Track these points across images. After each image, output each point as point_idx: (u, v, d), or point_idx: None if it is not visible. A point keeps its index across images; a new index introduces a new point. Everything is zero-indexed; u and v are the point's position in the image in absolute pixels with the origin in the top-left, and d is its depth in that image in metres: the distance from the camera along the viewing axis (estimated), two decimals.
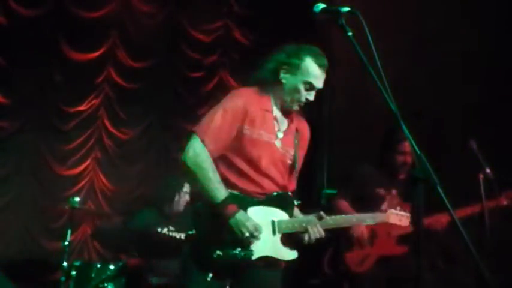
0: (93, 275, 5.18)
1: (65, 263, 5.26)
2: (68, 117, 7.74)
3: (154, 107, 8.24)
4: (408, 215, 3.63)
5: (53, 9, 7.46)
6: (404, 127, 2.29)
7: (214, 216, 2.88)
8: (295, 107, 3.12)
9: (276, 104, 3.14)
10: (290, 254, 3.03)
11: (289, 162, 3.14)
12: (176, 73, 8.33)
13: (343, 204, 4.65)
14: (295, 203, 3.12)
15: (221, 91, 7.48)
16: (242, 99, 3.06)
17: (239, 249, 2.87)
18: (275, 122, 3.11)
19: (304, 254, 6.10)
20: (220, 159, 3.01)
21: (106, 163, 8.00)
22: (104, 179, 7.90)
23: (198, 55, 8.36)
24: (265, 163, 3.03)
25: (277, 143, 3.09)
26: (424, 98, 6.18)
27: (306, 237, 3.00)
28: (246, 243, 2.87)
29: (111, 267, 5.24)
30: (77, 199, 5.97)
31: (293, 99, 3.08)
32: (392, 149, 4.70)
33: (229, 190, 2.94)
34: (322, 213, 3.04)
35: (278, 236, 2.99)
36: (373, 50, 2.36)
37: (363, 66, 2.35)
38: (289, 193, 3.14)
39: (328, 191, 5.99)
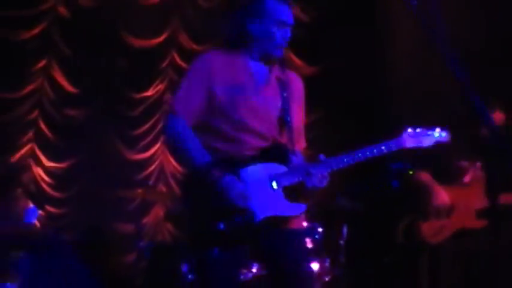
0: (166, 256, 5.32)
1: (139, 244, 5.42)
2: (135, 103, 7.94)
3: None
4: None
5: None
6: (476, 98, 2.21)
7: (204, 186, 2.69)
8: (278, 53, 2.93)
9: (251, 58, 2.95)
10: (296, 208, 2.81)
11: (276, 113, 2.91)
12: None
13: (426, 176, 4.54)
14: (290, 152, 2.87)
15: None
16: (206, 61, 2.92)
17: (239, 215, 2.67)
18: (250, 76, 2.91)
19: (375, 232, 6.09)
20: (200, 128, 2.87)
21: None
22: (174, 162, 8.04)
23: None
24: (245, 119, 2.84)
25: (256, 96, 2.88)
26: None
27: (310, 185, 2.76)
28: (242, 207, 2.67)
29: (184, 247, 5.33)
30: (149, 182, 6.14)
31: (272, 45, 2.90)
32: (476, 120, 4.53)
33: (215, 156, 2.77)
34: (321, 155, 2.81)
35: (279, 192, 2.78)
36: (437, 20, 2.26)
37: (429, 36, 2.25)
38: (281, 144, 2.91)
39: (397, 166, 5.85)
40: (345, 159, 2.82)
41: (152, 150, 7.97)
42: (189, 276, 5.06)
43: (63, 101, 7.82)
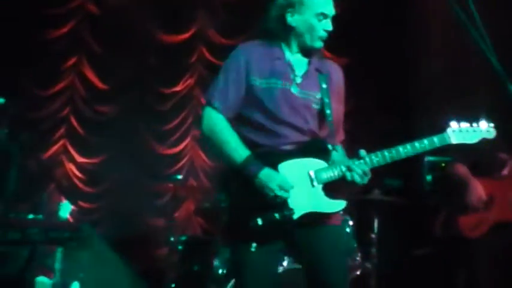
0: (198, 249, 5.35)
1: (171, 239, 5.45)
2: (165, 98, 8.01)
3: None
4: None
5: None
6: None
7: (243, 181, 2.64)
8: (319, 44, 2.85)
9: (289, 50, 2.88)
10: (336, 205, 2.70)
11: (315, 107, 2.82)
12: None
13: (462, 169, 4.43)
14: (330, 148, 2.76)
15: None
16: (243, 52, 2.85)
17: (277, 211, 2.59)
18: (288, 68, 2.84)
19: (408, 224, 6.01)
20: (238, 120, 2.82)
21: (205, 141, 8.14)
22: (204, 156, 8.07)
23: None
24: (284, 112, 2.75)
25: (294, 89, 2.80)
26: None
27: (350, 182, 2.66)
28: (281, 203, 2.61)
29: (216, 241, 5.35)
30: (179, 177, 6.17)
31: (312, 37, 2.82)
32: None
33: (253, 150, 2.71)
34: (362, 151, 2.70)
35: (319, 188, 2.68)
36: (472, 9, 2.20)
37: (464, 26, 2.20)
38: (321, 138, 2.82)
39: (432, 159, 5.74)
40: (388, 156, 2.72)
41: (182, 145, 8.01)
42: (220, 270, 5.08)
43: (94, 97, 7.93)
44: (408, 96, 7.38)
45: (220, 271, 5.06)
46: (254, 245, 2.60)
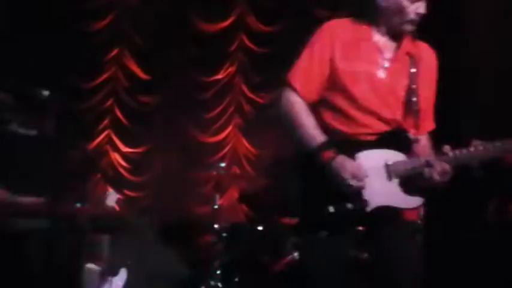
0: (242, 237, 5.36)
1: (215, 226, 5.48)
2: (206, 87, 8.03)
3: (289, 69, 8.23)
4: None
5: None
6: None
7: (316, 167, 2.51)
8: (408, 27, 2.63)
9: (378, 31, 2.67)
10: (412, 201, 2.53)
11: (401, 94, 2.62)
12: (308, 33, 8.24)
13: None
14: (412, 139, 2.59)
15: None
16: (329, 31, 2.66)
17: (351, 201, 2.47)
18: (376, 51, 2.64)
19: (457, 210, 5.90)
20: (320, 104, 2.66)
21: (247, 128, 8.19)
22: (246, 144, 8.08)
23: (328, 12, 8.20)
24: (368, 98, 2.58)
25: (381, 73, 2.61)
26: None
27: (429, 179, 2.45)
28: (354, 193, 2.48)
29: (260, 228, 5.35)
30: (222, 164, 6.19)
31: (402, 21, 2.60)
32: None
33: (331, 138, 2.55)
34: (446, 147, 2.48)
35: (395, 182, 2.51)
36: None
37: None
38: (403, 129, 2.61)
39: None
40: (475, 154, 2.48)
41: (225, 133, 8.04)
42: (265, 257, 5.08)
43: (137, 87, 8.02)
44: (458, 84, 7.20)
45: (264, 257, 5.06)
46: (324, 233, 2.51)
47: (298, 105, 2.61)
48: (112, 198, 4.43)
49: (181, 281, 5.10)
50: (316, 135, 2.53)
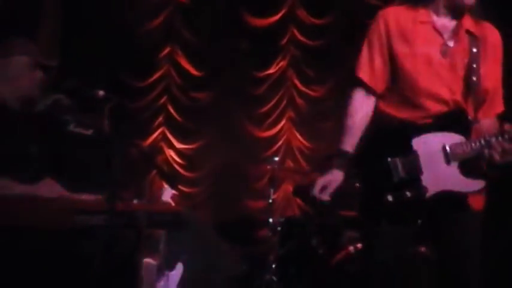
0: (297, 230, 5.36)
1: (270, 220, 5.49)
2: (259, 81, 8.05)
3: (342, 61, 8.17)
4: None
5: None
6: None
7: (372, 159, 2.53)
8: (468, 1, 2.52)
9: (436, 12, 2.61)
10: (474, 185, 2.44)
11: (462, 73, 2.53)
12: (360, 24, 8.14)
13: None
14: (471, 121, 2.50)
15: None
16: (383, 19, 2.63)
17: (410, 189, 2.42)
18: (435, 32, 2.58)
19: None
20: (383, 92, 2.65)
21: (301, 122, 8.17)
22: (300, 138, 8.07)
23: (380, 2, 8.08)
24: (427, 80, 2.53)
25: (441, 54, 2.55)
26: None
27: (489, 160, 2.38)
28: (413, 180, 2.44)
29: (314, 222, 5.34)
30: (276, 158, 6.19)
31: None
32: None
33: (390, 124, 2.57)
34: (508, 125, 2.40)
35: (454, 165, 2.43)
36: None
37: None
38: (462, 110, 2.53)
39: None
40: None
41: (278, 127, 8.05)
42: (320, 250, 5.06)
43: (190, 84, 8.11)
44: None
45: (320, 251, 5.05)
46: (385, 223, 2.49)
47: (354, 103, 2.64)
48: (167, 194, 4.50)
49: (237, 276, 5.15)
50: (343, 142, 2.58)
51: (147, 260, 4.16)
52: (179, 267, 4.56)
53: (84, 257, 2.63)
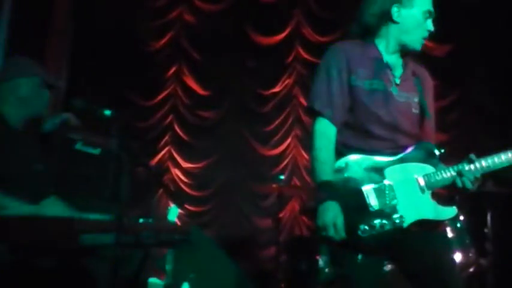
0: (304, 249, 5.33)
1: (278, 239, 5.47)
2: (265, 99, 8.06)
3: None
4: None
5: None
6: None
7: (347, 190, 2.52)
8: (418, 46, 2.66)
9: (386, 50, 2.69)
10: (448, 212, 2.56)
11: (414, 110, 2.68)
12: None
13: None
14: (437, 152, 2.62)
15: None
16: (342, 52, 2.66)
17: (386, 218, 2.45)
18: (387, 69, 2.66)
19: None
20: (342, 125, 2.66)
21: (307, 140, 8.14)
22: (306, 156, 8.05)
23: None
24: (388, 115, 2.60)
25: (394, 91, 2.64)
26: None
27: (461, 188, 2.50)
28: (390, 210, 2.47)
29: (321, 241, 5.30)
30: (283, 177, 6.19)
31: (414, 37, 2.64)
32: None
33: (359, 156, 2.57)
34: (472, 155, 2.54)
35: (428, 194, 2.54)
36: None
37: None
38: (427, 143, 2.66)
39: None
40: (499, 162, 2.55)
41: (284, 145, 8.03)
42: (326, 270, 5.03)
43: (196, 104, 8.13)
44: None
45: (326, 270, 5.02)
46: (360, 256, 2.50)
47: (321, 136, 2.60)
48: (174, 213, 4.50)
49: None
50: (322, 173, 2.54)
51: (153, 280, 4.15)
52: (185, 287, 4.55)
53: (90, 277, 2.61)
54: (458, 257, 4.76)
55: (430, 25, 2.66)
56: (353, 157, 2.58)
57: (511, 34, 6.94)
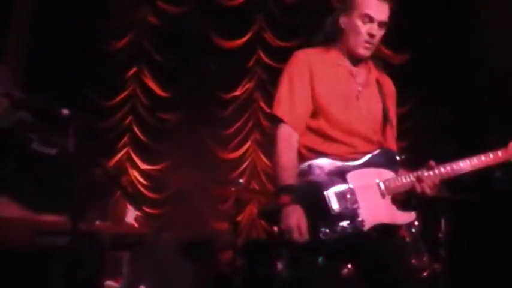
0: (262, 253, 5.34)
1: (235, 243, 5.46)
2: (225, 103, 8.07)
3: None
4: None
5: (199, 2, 7.81)
6: None
7: (310, 193, 2.54)
8: (362, 51, 2.69)
9: (347, 57, 2.75)
10: (406, 217, 2.63)
11: (378, 117, 2.75)
12: None
13: None
14: (399, 158, 2.69)
15: None
16: (305, 59, 2.71)
17: (348, 222, 2.50)
18: (350, 75, 2.73)
19: (481, 222, 5.78)
20: (306, 130, 2.69)
21: (266, 144, 8.18)
22: (265, 160, 8.08)
23: None
24: (350, 121, 2.66)
25: (358, 97, 2.71)
26: None
27: (421, 193, 2.58)
28: (351, 214, 2.51)
29: (279, 244, 5.32)
30: (241, 180, 6.19)
31: (356, 42, 2.67)
32: None
33: (322, 160, 2.60)
34: (432, 162, 2.61)
35: (388, 199, 2.59)
36: None
37: None
38: (389, 149, 2.73)
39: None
40: (456, 169, 2.65)
41: (244, 149, 8.05)
42: (285, 273, 5.05)
43: (156, 105, 8.07)
44: (477, 89, 7.14)
45: (284, 274, 5.03)
46: (321, 258, 2.52)
47: (283, 143, 2.63)
48: (131, 215, 4.46)
49: None
50: (285, 178, 2.54)
51: (109, 283, 4.10)
52: None
53: (44, 280, 2.57)
54: (412, 261, 4.84)
55: (371, 30, 2.67)
56: (316, 161, 2.61)
57: (467, 44, 7.11)
